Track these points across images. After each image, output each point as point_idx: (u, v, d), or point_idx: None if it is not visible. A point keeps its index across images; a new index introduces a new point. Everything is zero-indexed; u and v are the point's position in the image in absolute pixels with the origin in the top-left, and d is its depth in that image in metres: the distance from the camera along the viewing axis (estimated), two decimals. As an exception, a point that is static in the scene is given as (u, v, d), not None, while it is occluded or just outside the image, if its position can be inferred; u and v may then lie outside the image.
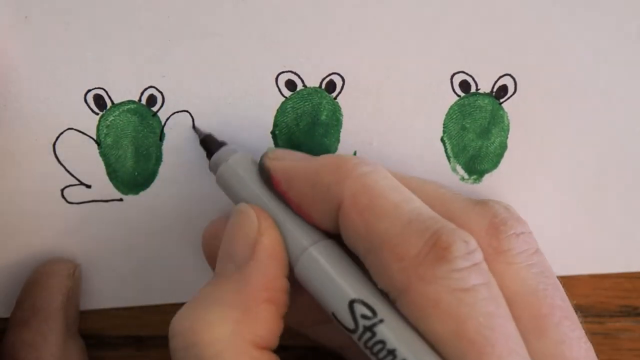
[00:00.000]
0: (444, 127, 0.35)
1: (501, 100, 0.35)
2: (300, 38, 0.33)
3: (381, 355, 0.26)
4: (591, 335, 0.38)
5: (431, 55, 0.34)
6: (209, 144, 0.33)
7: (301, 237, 0.29)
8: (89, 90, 0.33)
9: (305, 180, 0.29)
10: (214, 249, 0.31)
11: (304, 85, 0.34)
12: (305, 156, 0.31)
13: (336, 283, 0.27)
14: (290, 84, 0.34)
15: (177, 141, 0.34)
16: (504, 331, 0.25)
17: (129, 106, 0.34)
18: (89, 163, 0.34)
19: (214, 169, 0.32)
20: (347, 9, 0.33)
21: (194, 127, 0.34)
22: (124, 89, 0.33)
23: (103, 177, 0.34)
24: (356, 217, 0.27)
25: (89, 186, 0.35)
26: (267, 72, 0.33)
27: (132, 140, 0.34)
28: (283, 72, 0.34)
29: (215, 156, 0.32)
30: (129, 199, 0.35)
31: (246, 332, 0.27)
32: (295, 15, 0.33)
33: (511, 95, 0.35)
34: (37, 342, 0.33)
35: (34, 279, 0.34)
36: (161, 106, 0.34)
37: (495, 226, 0.29)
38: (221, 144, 0.33)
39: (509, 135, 0.35)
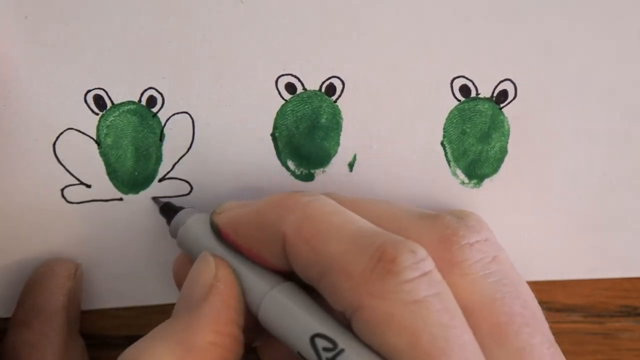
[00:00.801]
0: (444, 132, 0.35)
1: (501, 105, 0.35)
2: (300, 41, 0.33)
3: None
4: (591, 335, 0.39)
5: (431, 60, 0.34)
6: (167, 211, 0.34)
7: (260, 284, 0.29)
8: (89, 90, 0.33)
9: (250, 225, 0.29)
10: (182, 279, 0.31)
11: (304, 88, 0.34)
12: (251, 202, 0.31)
13: (296, 321, 0.28)
14: (290, 87, 0.34)
15: (177, 141, 0.34)
16: (459, 342, 0.25)
17: (129, 107, 0.34)
18: (89, 163, 0.34)
19: (173, 234, 0.33)
20: (347, 12, 0.33)
21: (153, 198, 0.35)
22: (124, 90, 0.33)
23: (103, 177, 0.35)
24: (302, 246, 0.27)
25: (89, 186, 0.35)
26: (267, 75, 0.33)
27: (132, 141, 0.34)
28: (283, 75, 0.34)
29: (173, 222, 0.33)
30: (129, 198, 0.35)
31: None
32: (296, 18, 0.33)
33: (511, 100, 0.35)
34: (39, 342, 0.33)
35: (35, 279, 0.34)
36: (161, 107, 0.34)
37: (446, 238, 0.29)
38: (179, 209, 0.33)
39: (509, 140, 0.35)
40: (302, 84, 0.34)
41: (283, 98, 0.34)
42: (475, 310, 0.27)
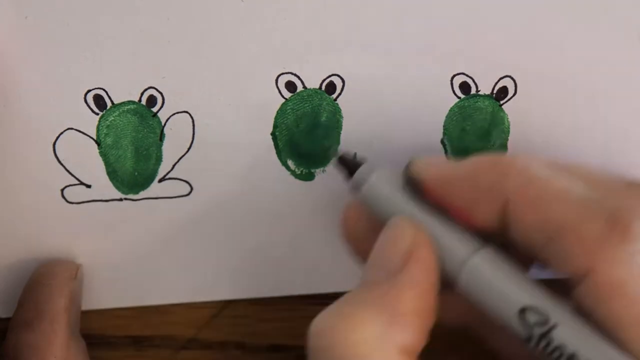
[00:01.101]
0: (444, 129, 0.35)
1: (501, 102, 0.35)
2: (300, 39, 0.33)
3: None
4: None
5: (431, 57, 0.34)
6: (346, 164, 0.32)
7: (461, 248, 0.28)
8: (89, 90, 0.33)
9: (463, 183, 0.29)
10: (353, 232, 0.31)
11: (304, 87, 0.34)
12: (453, 161, 0.30)
13: (504, 292, 0.27)
14: (290, 86, 0.34)
15: (177, 141, 0.34)
16: None
17: (129, 106, 0.34)
18: (89, 163, 0.34)
19: (355, 189, 0.31)
20: (347, 10, 0.33)
21: (328, 147, 0.34)
22: (124, 89, 0.33)
23: (103, 177, 0.35)
24: (527, 210, 0.27)
25: (89, 186, 0.35)
26: (267, 74, 0.33)
27: (132, 140, 0.34)
28: (283, 74, 0.34)
29: (355, 178, 0.31)
30: (129, 198, 0.35)
31: (394, 336, 0.27)
32: (295, 16, 0.33)
33: (511, 97, 0.35)
34: (40, 343, 0.33)
35: (36, 280, 0.34)
36: (161, 107, 0.34)
37: None
38: (359, 163, 0.32)
39: (509, 137, 0.35)
40: (303, 83, 0.34)
41: (283, 97, 0.34)
42: None
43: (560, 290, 0.27)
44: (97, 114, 0.34)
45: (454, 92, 0.34)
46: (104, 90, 0.33)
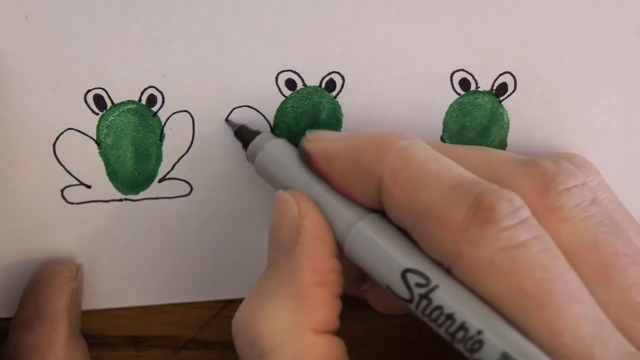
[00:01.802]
0: (443, 126, 0.35)
1: (501, 98, 0.35)
2: (300, 37, 0.33)
3: (440, 321, 0.26)
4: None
5: (431, 54, 0.34)
6: (244, 135, 0.33)
7: (347, 214, 0.29)
8: (89, 90, 0.33)
9: (346, 160, 0.29)
10: None
11: (304, 85, 0.34)
12: (344, 136, 0.31)
13: (387, 255, 0.27)
14: (290, 83, 0.34)
15: (177, 141, 0.34)
16: (563, 281, 0.25)
17: (129, 106, 0.34)
18: (89, 163, 0.34)
19: (251, 158, 0.32)
20: (347, 7, 0.33)
21: (226, 120, 0.34)
22: (124, 89, 0.33)
23: (103, 177, 0.34)
24: (398, 192, 0.28)
25: (89, 186, 0.35)
26: (267, 71, 0.34)
27: (132, 140, 0.34)
28: (283, 71, 0.34)
29: (251, 145, 0.32)
30: (129, 198, 0.35)
31: (303, 320, 0.27)
32: (295, 14, 0.33)
33: (511, 93, 0.35)
34: (42, 344, 0.33)
35: (37, 281, 0.34)
36: (161, 106, 0.34)
37: (543, 184, 0.29)
38: (256, 133, 0.33)
39: (508, 134, 0.35)
40: (303, 80, 0.34)
41: (283, 94, 0.34)
42: (577, 254, 0.27)
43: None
44: (97, 114, 0.34)
45: (453, 88, 0.34)
46: (104, 90, 0.33)
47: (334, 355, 0.28)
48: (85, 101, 0.33)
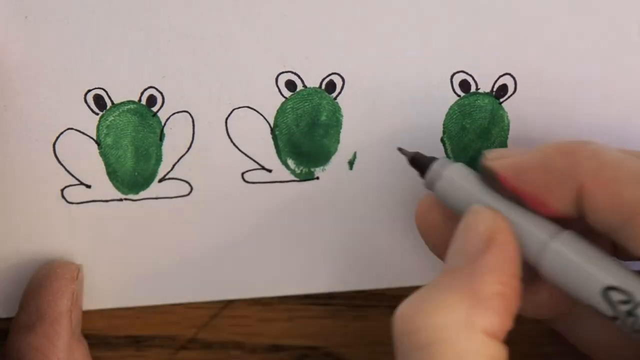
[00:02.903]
0: (444, 128, 0.35)
1: (501, 100, 0.35)
2: (300, 38, 0.33)
3: None
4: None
5: (431, 55, 0.34)
6: (419, 163, 0.33)
7: (540, 232, 0.29)
8: (89, 90, 0.33)
9: (537, 170, 0.29)
10: (428, 224, 0.32)
11: (304, 86, 0.34)
12: (523, 150, 0.30)
13: (587, 273, 0.27)
14: (290, 85, 0.34)
15: (177, 141, 0.34)
16: None
17: (129, 106, 0.34)
18: (89, 163, 0.34)
19: (429, 186, 0.32)
20: (347, 9, 0.33)
21: (399, 148, 0.33)
22: (124, 89, 0.33)
23: (103, 177, 0.34)
24: (601, 193, 0.27)
25: (89, 186, 0.35)
26: (267, 73, 0.33)
27: (132, 140, 0.34)
28: (283, 73, 0.34)
29: (428, 174, 0.32)
30: (129, 198, 0.35)
31: (478, 319, 0.27)
32: (296, 15, 0.33)
33: (511, 95, 0.35)
34: (44, 346, 0.33)
35: (38, 282, 0.34)
36: (161, 106, 0.34)
37: None
38: (431, 159, 0.32)
39: (509, 135, 0.35)
40: (302, 81, 0.34)
41: (283, 96, 0.34)
42: None
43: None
44: (97, 114, 0.34)
45: (453, 90, 0.34)
46: (104, 90, 0.33)
47: (499, 358, 0.28)
48: (85, 101, 0.33)
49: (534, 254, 0.29)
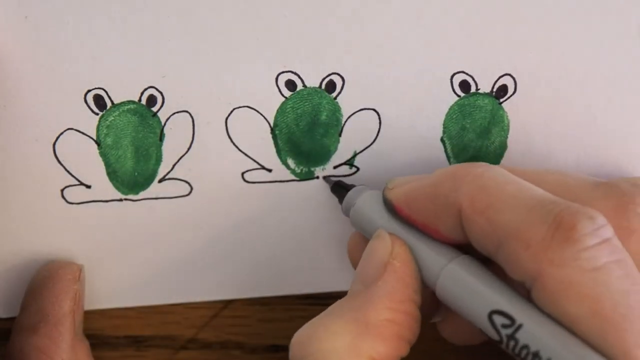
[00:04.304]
0: (444, 127, 0.35)
1: (501, 100, 0.35)
2: (300, 38, 0.33)
3: (528, 359, 0.26)
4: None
5: (431, 55, 0.34)
6: (339, 190, 0.34)
7: (437, 258, 0.29)
8: (89, 90, 0.33)
9: (424, 198, 0.30)
10: (357, 258, 0.32)
11: (304, 86, 0.34)
12: (421, 176, 0.31)
13: (473, 296, 0.28)
14: (291, 84, 0.34)
15: (177, 141, 0.34)
16: None
17: (129, 106, 0.34)
18: (89, 163, 0.34)
19: (346, 213, 0.33)
20: (347, 9, 0.33)
21: (324, 177, 0.35)
22: (124, 89, 0.33)
23: (103, 177, 0.35)
24: (478, 217, 0.28)
25: (89, 186, 0.35)
26: (267, 72, 0.34)
27: (132, 140, 0.34)
28: (283, 72, 0.34)
29: (345, 201, 0.33)
30: (129, 198, 0.35)
31: (365, 347, 0.28)
32: (296, 15, 0.33)
33: (511, 95, 0.35)
34: (47, 347, 0.33)
35: (40, 283, 0.34)
36: (161, 106, 0.34)
37: (623, 205, 0.29)
38: (349, 187, 0.34)
39: (509, 135, 0.35)
40: (303, 81, 0.34)
41: (283, 95, 0.34)
42: None
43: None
44: (97, 114, 0.34)
45: (453, 90, 0.34)
46: (104, 90, 0.33)
47: None
48: (85, 101, 0.33)
49: (432, 278, 0.29)
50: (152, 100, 0.34)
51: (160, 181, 0.35)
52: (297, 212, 0.36)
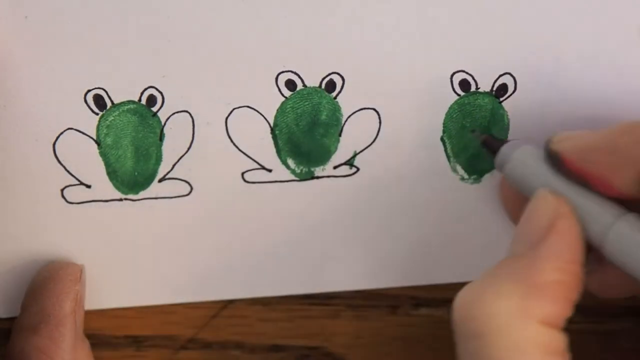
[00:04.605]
0: (443, 127, 0.35)
1: (501, 99, 0.35)
2: (300, 37, 0.33)
3: None
4: (591, 335, 0.38)
5: (431, 55, 0.34)
6: (491, 144, 0.33)
7: (604, 215, 0.29)
8: (89, 90, 0.33)
9: (600, 150, 0.29)
10: (509, 200, 0.33)
11: (304, 85, 0.34)
12: (587, 132, 0.30)
13: None
14: (290, 84, 0.34)
15: (177, 141, 0.34)
16: None
17: (128, 106, 0.34)
18: (89, 163, 0.34)
19: (499, 168, 0.33)
20: (346, 8, 0.33)
21: (472, 131, 0.35)
22: (124, 89, 0.33)
23: (103, 177, 0.35)
24: None
25: (89, 186, 0.35)
26: (267, 72, 0.34)
27: (132, 140, 0.34)
28: (283, 72, 0.34)
29: (498, 156, 0.33)
30: (129, 198, 0.35)
31: (533, 308, 0.27)
32: (295, 14, 0.33)
33: (511, 94, 0.35)
34: (49, 347, 0.33)
35: (41, 284, 0.34)
36: (161, 106, 0.34)
37: None
38: (502, 142, 0.33)
39: (508, 134, 0.35)
40: (302, 81, 0.34)
41: (283, 95, 0.34)
42: None
43: None
44: (97, 114, 0.34)
45: (453, 89, 0.34)
46: (103, 90, 0.33)
47: (556, 348, 0.27)
48: (85, 101, 0.33)
49: (598, 236, 0.29)
50: (152, 100, 0.34)
51: (160, 181, 0.35)
52: (297, 212, 0.36)
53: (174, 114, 0.34)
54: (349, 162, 0.35)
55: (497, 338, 0.27)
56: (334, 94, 0.34)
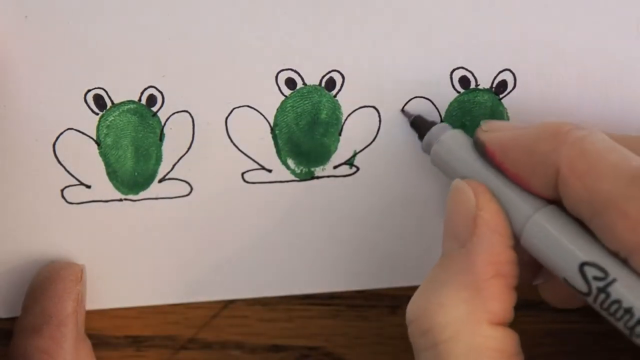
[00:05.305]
0: (444, 124, 0.35)
1: (501, 96, 0.35)
2: (300, 36, 0.33)
3: (618, 315, 0.26)
4: (591, 335, 0.38)
5: (431, 52, 0.34)
6: (420, 125, 0.33)
7: (524, 206, 0.29)
8: (89, 90, 0.33)
9: (522, 149, 0.29)
10: None
11: (304, 83, 0.34)
12: (517, 125, 0.31)
13: (565, 248, 0.27)
14: (290, 82, 0.34)
15: (177, 141, 0.34)
16: None
17: (128, 106, 0.34)
18: (89, 163, 0.34)
19: (426, 149, 0.33)
20: (346, 6, 0.33)
21: (402, 110, 0.34)
22: (124, 89, 0.33)
23: (103, 177, 0.35)
24: (576, 182, 0.27)
25: (88, 186, 0.35)
26: (267, 71, 0.34)
27: (132, 140, 0.34)
28: (283, 70, 0.34)
29: (427, 136, 0.33)
30: (129, 198, 0.35)
31: (479, 311, 0.27)
32: (295, 13, 0.33)
33: (511, 91, 0.35)
34: (51, 348, 0.33)
35: (42, 284, 0.34)
36: (161, 106, 0.34)
37: None
38: (432, 124, 0.33)
39: (508, 132, 0.35)
40: (302, 79, 0.34)
41: (283, 94, 0.34)
42: None
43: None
44: (97, 114, 0.34)
45: (453, 86, 0.34)
46: (104, 90, 0.33)
47: (508, 347, 0.28)
48: (85, 101, 0.33)
49: (517, 226, 0.29)
50: (152, 100, 0.34)
51: (160, 181, 0.35)
52: (297, 212, 0.36)
53: (174, 114, 0.34)
54: (349, 162, 0.35)
55: (451, 346, 0.27)
56: (334, 92, 0.34)
